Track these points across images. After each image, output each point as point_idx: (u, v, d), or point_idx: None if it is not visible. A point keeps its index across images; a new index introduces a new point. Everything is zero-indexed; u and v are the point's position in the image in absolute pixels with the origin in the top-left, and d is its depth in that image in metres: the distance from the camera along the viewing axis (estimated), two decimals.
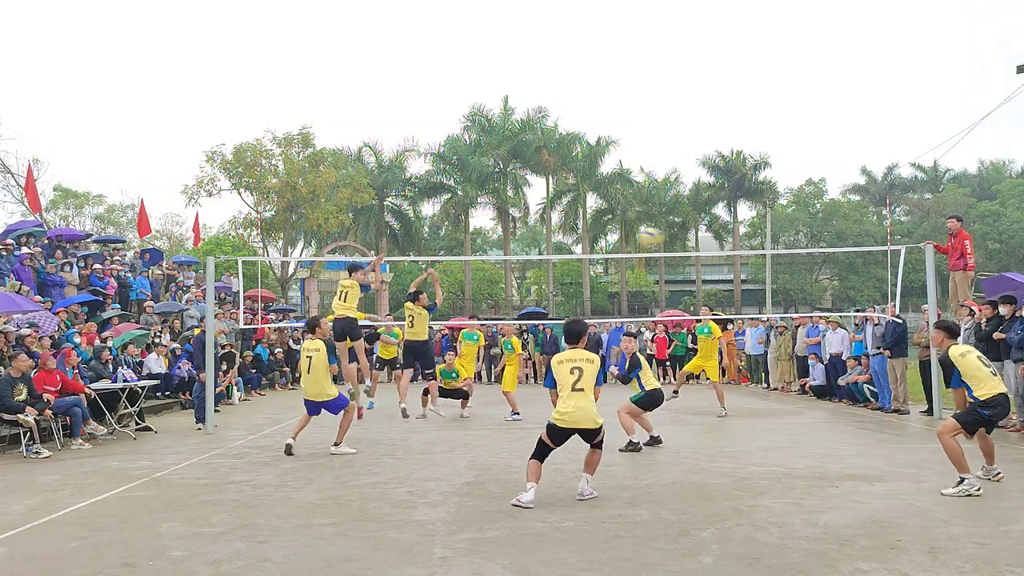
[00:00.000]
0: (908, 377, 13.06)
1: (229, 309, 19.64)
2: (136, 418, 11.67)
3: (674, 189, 49.78)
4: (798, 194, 59.13)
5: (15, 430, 9.68)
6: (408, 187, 46.09)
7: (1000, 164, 66.86)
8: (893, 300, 12.82)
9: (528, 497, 6.27)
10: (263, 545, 5.26)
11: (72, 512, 6.36)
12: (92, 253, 18.92)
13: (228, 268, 29.31)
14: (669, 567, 4.66)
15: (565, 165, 45.22)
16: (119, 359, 13.34)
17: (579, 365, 6.47)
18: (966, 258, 12.09)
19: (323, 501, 6.60)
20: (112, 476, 7.97)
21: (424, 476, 7.68)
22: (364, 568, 4.74)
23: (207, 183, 32.94)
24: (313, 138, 34.28)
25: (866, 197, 61.94)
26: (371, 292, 37.47)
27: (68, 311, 14.68)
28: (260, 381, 18.65)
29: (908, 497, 6.43)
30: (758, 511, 6.00)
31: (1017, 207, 54.51)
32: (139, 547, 5.26)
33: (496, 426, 11.74)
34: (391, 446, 9.81)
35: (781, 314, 38.27)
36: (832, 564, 4.64)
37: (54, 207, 45.31)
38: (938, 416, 11.91)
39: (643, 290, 53.38)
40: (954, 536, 5.22)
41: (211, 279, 12.42)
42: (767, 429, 11.10)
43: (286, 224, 34.80)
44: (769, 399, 15.91)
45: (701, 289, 53.17)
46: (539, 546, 5.13)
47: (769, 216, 43.09)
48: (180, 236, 47.93)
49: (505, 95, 71.50)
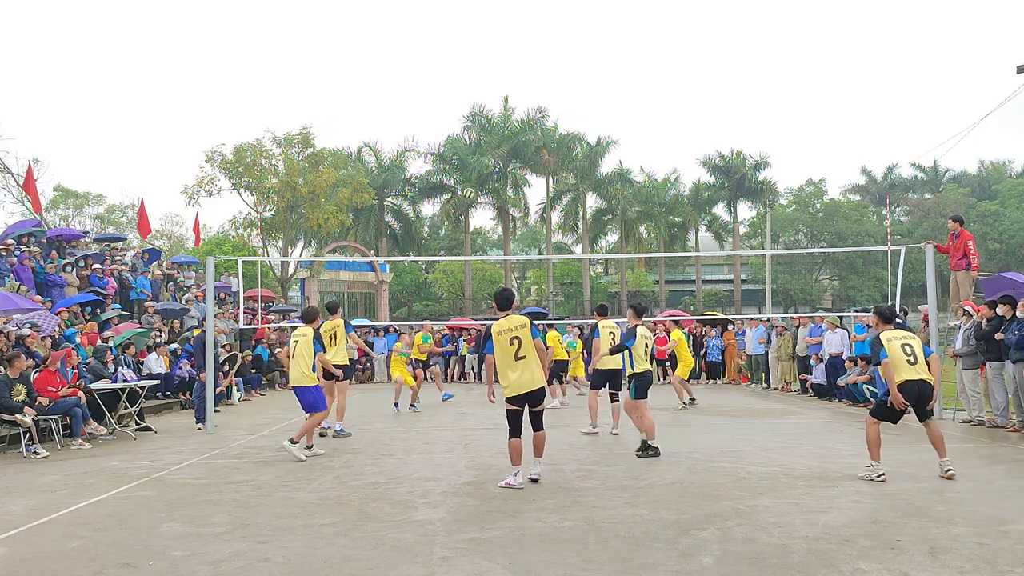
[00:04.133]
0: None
1: (229, 309, 19.67)
2: (136, 418, 11.67)
3: (674, 189, 49.76)
4: (798, 194, 59.11)
5: (15, 430, 9.68)
6: (408, 187, 46.09)
7: (1000, 164, 66.86)
8: (893, 300, 12.83)
9: (520, 479, 6.70)
10: (263, 545, 5.26)
11: (72, 512, 6.36)
12: (92, 253, 18.92)
13: (228, 268, 29.33)
14: (669, 567, 4.65)
15: (565, 165, 45.22)
16: (119, 359, 13.35)
17: (516, 335, 6.89)
18: (969, 258, 12.09)
19: (323, 501, 6.60)
20: (112, 476, 7.97)
21: (424, 476, 7.67)
22: (364, 568, 4.74)
23: (207, 183, 32.94)
24: (313, 138, 34.28)
25: (866, 197, 61.94)
26: (371, 292, 37.66)
27: (68, 311, 14.69)
28: (260, 381, 18.66)
29: (908, 497, 6.42)
30: (758, 511, 6.00)
31: (1017, 207, 54.49)
32: (139, 547, 5.26)
33: (496, 426, 11.74)
34: (391, 446, 9.81)
35: (781, 314, 38.26)
36: (832, 564, 4.64)
37: (54, 207, 45.33)
38: (938, 416, 11.91)
39: (643, 290, 53.35)
40: (954, 536, 5.22)
41: (211, 279, 12.43)
42: (767, 429, 11.09)
43: (286, 224, 34.79)
44: (769, 399, 15.90)
45: (701, 289, 53.17)
46: (539, 546, 5.13)
47: (769, 216, 43.08)
48: (180, 236, 47.94)
49: (505, 95, 71.67)
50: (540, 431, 7.04)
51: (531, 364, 6.84)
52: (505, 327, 6.94)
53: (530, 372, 6.81)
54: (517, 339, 6.84)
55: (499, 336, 6.89)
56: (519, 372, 6.80)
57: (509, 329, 6.92)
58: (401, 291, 49.86)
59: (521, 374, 6.79)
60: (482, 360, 22.24)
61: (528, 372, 6.81)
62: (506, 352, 6.85)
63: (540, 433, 7.03)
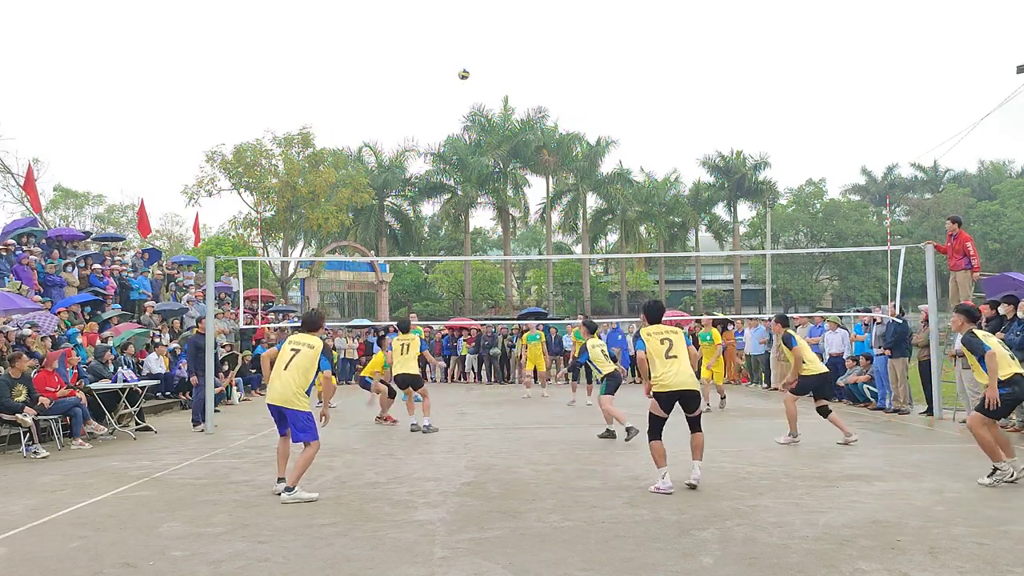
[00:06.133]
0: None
1: (229, 309, 19.67)
2: (136, 418, 11.68)
3: (674, 189, 49.81)
4: (798, 194, 59.14)
5: (15, 430, 9.68)
6: (408, 187, 46.10)
7: (1000, 164, 66.88)
8: (893, 300, 12.83)
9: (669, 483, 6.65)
10: (263, 545, 5.26)
11: (72, 512, 6.36)
12: (92, 253, 18.92)
13: (228, 268, 29.32)
14: (669, 567, 4.65)
15: (565, 165, 45.24)
16: (119, 359, 13.35)
17: (668, 336, 6.93)
18: (970, 259, 12.09)
19: (323, 501, 6.60)
20: (112, 476, 7.97)
21: (424, 476, 7.67)
22: (364, 568, 4.74)
23: (207, 183, 32.97)
24: (313, 138, 34.31)
25: (866, 197, 61.94)
26: (371, 292, 37.68)
27: (69, 311, 14.69)
28: (260, 381, 18.64)
29: (908, 497, 6.42)
30: (758, 511, 6.00)
31: (1017, 207, 54.49)
32: (139, 547, 5.26)
33: (496, 426, 11.75)
34: (391, 446, 9.81)
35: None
36: (832, 564, 4.64)
37: (54, 207, 45.34)
38: (938, 416, 11.92)
39: (643, 290, 53.37)
40: (954, 536, 5.21)
41: (211, 279, 12.43)
42: (767, 429, 11.09)
43: (286, 224, 34.81)
44: (769, 399, 15.90)
45: (701, 289, 53.17)
46: (539, 546, 5.13)
47: (769, 216, 43.10)
48: (180, 236, 47.95)
49: (505, 95, 71.62)
50: (698, 432, 6.96)
51: (683, 364, 6.83)
52: (655, 329, 7.02)
53: (684, 372, 6.80)
54: (668, 340, 6.89)
55: (649, 337, 6.93)
56: (671, 369, 6.77)
57: (660, 331, 6.98)
58: (401, 291, 49.86)
59: (675, 373, 6.75)
60: (482, 360, 22.45)
61: (682, 372, 6.78)
62: (657, 351, 6.85)
63: (698, 434, 6.95)
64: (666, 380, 6.74)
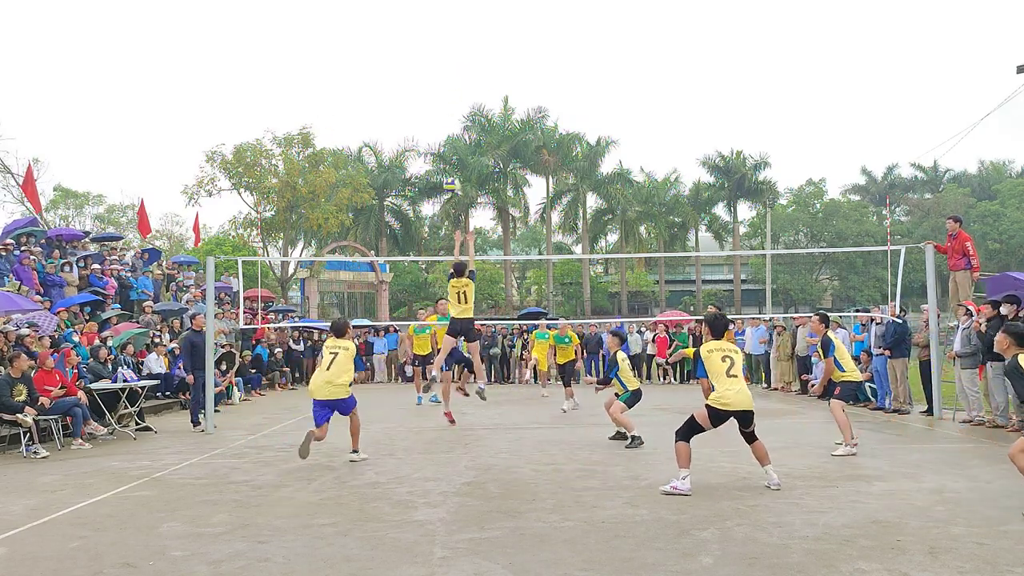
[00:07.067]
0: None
1: (229, 309, 19.66)
2: (136, 418, 11.68)
3: (674, 189, 49.82)
4: (798, 194, 59.12)
5: (15, 430, 9.68)
6: (408, 187, 46.10)
7: (1000, 164, 66.84)
8: (893, 300, 12.83)
9: (688, 484, 6.64)
10: (263, 545, 5.26)
11: (72, 512, 6.36)
12: (92, 253, 18.91)
13: (228, 268, 29.31)
14: (669, 567, 4.65)
15: (565, 165, 45.24)
16: (119, 359, 13.35)
17: (729, 354, 6.90)
18: (970, 259, 12.09)
19: (323, 501, 6.60)
20: (112, 476, 7.97)
21: (424, 476, 7.67)
22: (364, 568, 4.74)
23: (207, 183, 32.94)
24: (313, 138, 34.28)
25: (866, 197, 61.92)
26: (371, 292, 37.68)
27: (68, 311, 14.68)
28: (260, 381, 18.66)
29: (908, 497, 6.42)
30: (758, 511, 6.00)
31: (1017, 207, 54.47)
32: (139, 547, 5.26)
33: (496, 426, 11.75)
34: (391, 446, 9.81)
35: (781, 314, 38.26)
36: (832, 564, 4.64)
37: (54, 207, 45.33)
38: (938, 415, 11.92)
39: (643, 290, 53.38)
40: (954, 536, 5.21)
41: (211, 279, 12.43)
42: (767, 429, 11.04)
43: (286, 224, 34.78)
44: (769, 399, 15.90)
45: (701, 289, 53.17)
46: (539, 546, 5.13)
47: (769, 216, 43.10)
48: (180, 236, 47.95)
49: (505, 95, 71.77)
50: (756, 441, 6.99)
51: (742, 383, 6.86)
52: (716, 346, 6.98)
53: (744, 391, 6.80)
54: (729, 357, 6.88)
55: (711, 354, 6.91)
56: (732, 387, 6.74)
57: (722, 348, 6.95)
58: (401, 291, 49.82)
59: (736, 392, 6.73)
60: (482, 360, 22.38)
61: (742, 391, 6.77)
62: (719, 368, 6.82)
63: (758, 443, 6.99)
64: (727, 399, 6.71)
